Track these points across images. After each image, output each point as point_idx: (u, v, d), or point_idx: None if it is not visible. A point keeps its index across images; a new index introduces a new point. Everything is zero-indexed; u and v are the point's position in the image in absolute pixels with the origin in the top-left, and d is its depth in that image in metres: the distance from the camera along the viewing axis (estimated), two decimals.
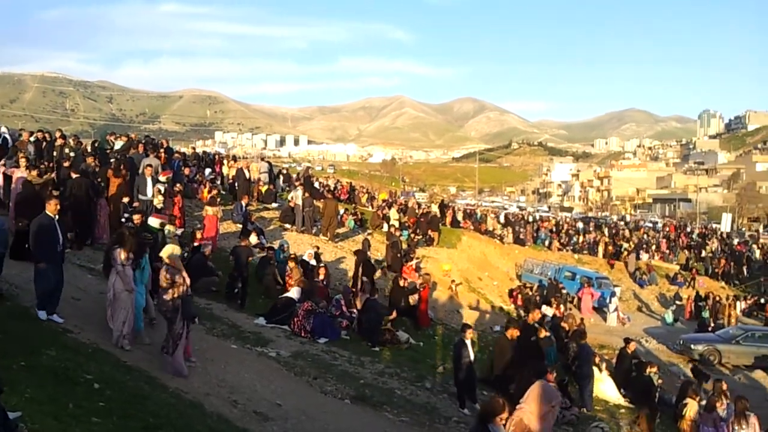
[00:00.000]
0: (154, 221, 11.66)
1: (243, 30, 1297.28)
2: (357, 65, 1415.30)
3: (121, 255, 8.53)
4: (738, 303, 27.65)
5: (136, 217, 11.59)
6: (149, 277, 9.52)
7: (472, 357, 10.79)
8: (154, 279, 9.24)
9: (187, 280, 8.53)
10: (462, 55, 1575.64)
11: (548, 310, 21.66)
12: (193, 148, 41.35)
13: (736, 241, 47.41)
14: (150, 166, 15.94)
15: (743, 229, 66.40)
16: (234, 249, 14.56)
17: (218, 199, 19.00)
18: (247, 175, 22.01)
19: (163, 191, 15.76)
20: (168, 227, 15.11)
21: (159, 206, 15.17)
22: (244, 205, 20.25)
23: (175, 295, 8.23)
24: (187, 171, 24.02)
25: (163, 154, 20.69)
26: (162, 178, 16.48)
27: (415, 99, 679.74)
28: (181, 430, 6.01)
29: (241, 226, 18.64)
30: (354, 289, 15.96)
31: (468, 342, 10.85)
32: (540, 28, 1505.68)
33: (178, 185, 18.53)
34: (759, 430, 11.57)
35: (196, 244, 14.78)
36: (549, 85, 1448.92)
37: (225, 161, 29.69)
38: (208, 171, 26.76)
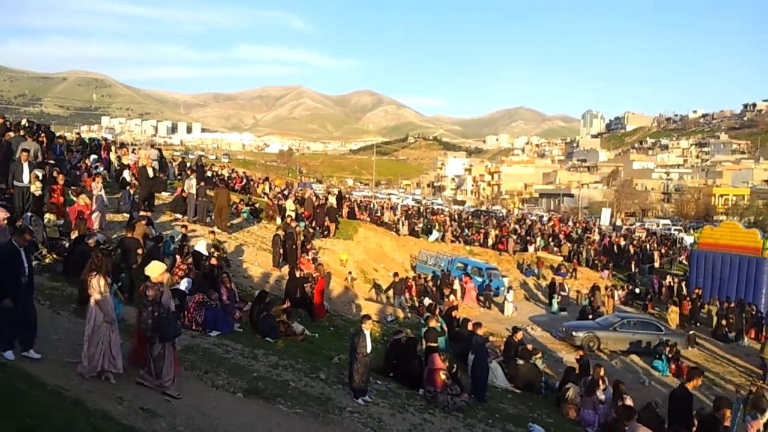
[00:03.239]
0: None
1: (136, 11, 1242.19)
2: (255, 53, 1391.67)
3: (100, 282, 7.89)
4: (615, 292, 29.49)
5: None
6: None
7: (369, 348, 10.85)
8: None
9: (169, 294, 8.26)
10: (361, 48, 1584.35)
11: (427, 300, 22.62)
12: (78, 134, 39.11)
13: (614, 234, 50.53)
14: (26, 150, 14.88)
15: (620, 223, 70.78)
16: (121, 240, 13.91)
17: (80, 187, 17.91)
18: (151, 174, 20.76)
19: (41, 177, 14.79)
20: (48, 216, 14.26)
21: (37, 193, 14.24)
22: (131, 193, 19.39)
23: (156, 314, 7.97)
24: (69, 157, 22.68)
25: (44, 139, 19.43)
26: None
27: (314, 90, 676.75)
28: (61, 430, 5.69)
29: (128, 215, 17.83)
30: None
31: (367, 333, 10.89)
32: (437, 25, 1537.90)
33: (56, 171, 17.42)
34: None
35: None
36: (445, 82, 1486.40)
37: (113, 148, 28.28)
38: (93, 157, 25.39)
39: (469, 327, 15.68)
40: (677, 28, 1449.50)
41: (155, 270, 8.29)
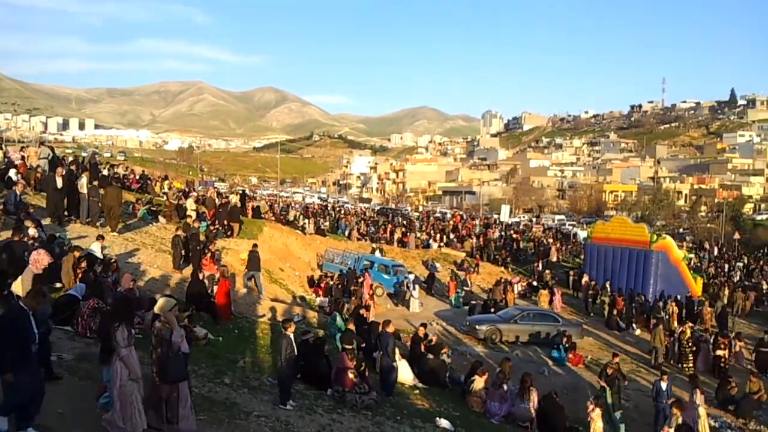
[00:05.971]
0: None
1: (27, 1, 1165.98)
2: (154, 47, 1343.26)
3: (124, 334, 7.08)
4: (515, 286, 30.51)
5: None
6: None
7: (296, 351, 10.63)
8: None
9: (181, 332, 7.84)
10: (264, 43, 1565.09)
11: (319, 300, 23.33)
12: None
13: (512, 230, 52.34)
14: None
15: (519, 219, 73.48)
16: (7, 244, 12.99)
17: None
18: (59, 184, 19.07)
19: None
20: None
21: None
22: (18, 193, 18.15)
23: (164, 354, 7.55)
24: None
25: None
26: None
27: (215, 86, 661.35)
28: None
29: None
30: None
31: (291, 336, 10.67)
32: (341, 23, 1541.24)
33: None
34: (536, 403, 12.95)
35: None
36: (349, 80, 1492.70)
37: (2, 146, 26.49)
38: None
39: (377, 324, 15.72)
40: (570, 31, 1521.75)
41: (164, 306, 7.80)
